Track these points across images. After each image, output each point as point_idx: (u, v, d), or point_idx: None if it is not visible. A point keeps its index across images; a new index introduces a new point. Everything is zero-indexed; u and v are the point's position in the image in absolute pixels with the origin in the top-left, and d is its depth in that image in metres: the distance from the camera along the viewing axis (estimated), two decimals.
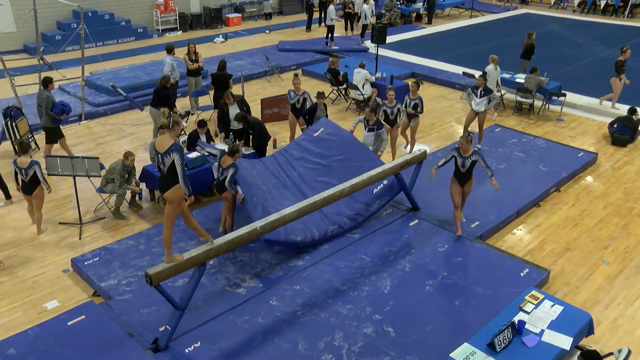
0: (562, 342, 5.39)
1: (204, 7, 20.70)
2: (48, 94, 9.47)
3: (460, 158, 7.50)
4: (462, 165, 7.52)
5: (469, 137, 7.40)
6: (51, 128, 9.66)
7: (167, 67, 11.46)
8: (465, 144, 7.41)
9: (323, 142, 8.43)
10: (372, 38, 13.91)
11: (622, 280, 7.33)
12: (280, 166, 8.22)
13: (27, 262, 7.39)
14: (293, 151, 8.44)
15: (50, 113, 9.43)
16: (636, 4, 24.01)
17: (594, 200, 9.24)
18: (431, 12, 22.37)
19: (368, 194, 8.05)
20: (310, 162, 8.17)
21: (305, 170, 8.11)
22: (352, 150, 8.32)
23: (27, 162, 7.60)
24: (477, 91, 10.55)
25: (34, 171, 7.60)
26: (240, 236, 5.97)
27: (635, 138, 11.51)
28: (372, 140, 8.92)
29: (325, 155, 8.21)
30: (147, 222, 8.33)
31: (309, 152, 8.33)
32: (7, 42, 16.47)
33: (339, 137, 8.52)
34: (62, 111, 9.52)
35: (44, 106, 9.45)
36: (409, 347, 5.87)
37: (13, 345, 5.79)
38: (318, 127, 8.71)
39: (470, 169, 7.56)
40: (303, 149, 8.42)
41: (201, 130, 9.29)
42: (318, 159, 8.16)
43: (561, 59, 16.49)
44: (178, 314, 5.70)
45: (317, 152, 8.27)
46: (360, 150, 8.41)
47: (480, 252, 7.50)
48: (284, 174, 8.07)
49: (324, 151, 8.29)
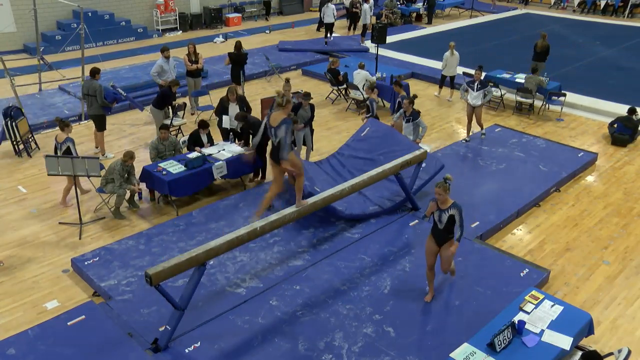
0: (562, 342, 5.40)
1: (204, 7, 20.71)
2: (99, 83, 9.96)
3: (437, 211, 6.16)
4: (439, 220, 6.15)
5: (447, 185, 6.08)
6: (100, 116, 10.12)
7: (155, 68, 11.39)
8: (443, 193, 6.03)
9: (369, 140, 9.24)
10: (372, 38, 13.92)
11: (622, 280, 7.33)
12: (332, 166, 9.07)
13: (27, 262, 7.39)
14: (343, 152, 9.32)
15: (105, 101, 9.95)
16: (636, 4, 24.01)
17: (594, 200, 9.24)
18: (431, 12, 22.38)
19: (406, 177, 8.45)
20: (358, 159, 8.95)
21: (354, 165, 8.88)
22: (394, 143, 9.00)
23: (63, 137, 8.49)
24: (474, 85, 10.76)
25: (67, 146, 8.45)
26: (240, 236, 5.97)
27: (635, 138, 11.51)
28: (410, 130, 9.59)
29: (371, 150, 8.97)
30: (147, 222, 8.33)
31: (357, 150, 9.15)
32: (7, 42, 16.48)
33: (382, 133, 9.27)
34: (114, 99, 10.14)
35: (97, 95, 9.92)
36: (409, 347, 5.88)
37: (13, 345, 5.79)
38: (364, 127, 9.55)
39: (448, 227, 6.13)
40: (352, 149, 9.26)
41: (203, 131, 9.30)
42: (365, 155, 8.94)
43: (561, 59, 16.50)
44: (178, 314, 5.70)
45: (364, 149, 9.09)
46: (401, 141, 9.09)
47: (480, 252, 7.50)
48: (334, 172, 8.89)
49: (370, 147, 9.08)
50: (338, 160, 9.18)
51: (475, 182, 9.29)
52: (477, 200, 8.75)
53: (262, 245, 7.54)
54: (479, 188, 9.13)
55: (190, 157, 8.64)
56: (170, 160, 8.77)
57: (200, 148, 9.13)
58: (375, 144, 9.08)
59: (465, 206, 8.47)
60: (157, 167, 8.55)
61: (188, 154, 8.95)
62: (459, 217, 6.05)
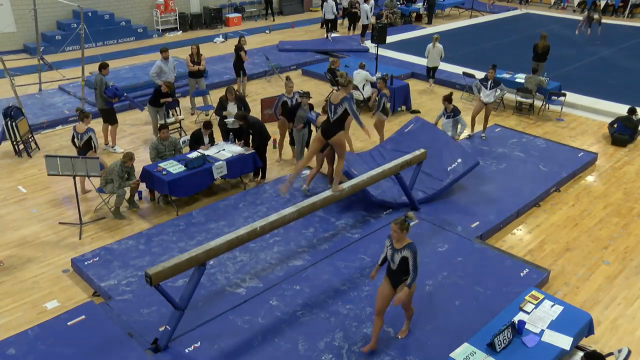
0: (562, 342, 5.39)
1: (204, 7, 20.72)
2: (102, 77, 10.13)
3: (391, 249, 5.51)
4: (392, 260, 5.49)
5: (406, 224, 5.43)
6: (106, 110, 10.32)
7: (154, 69, 11.40)
8: (399, 231, 5.38)
9: (412, 135, 9.73)
10: (372, 38, 13.92)
11: (622, 280, 7.33)
12: (373, 157, 9.50)
13: (27, 262, 7.39)
14: (387, 145, 9.86)
15: (104, 95, 10.09)
16: (636, 4, 24.02)
17: (594, 200, 9.24)
18: (431, 12, 22.38)
19: (442, 171, 8.96)
20: (400, 152, 9.20)
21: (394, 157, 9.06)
22: (434, 139, 9.46)
23: (84, 128, 8.69)
24: (487, 83, 11.07)
25: (88, 136, 8.67)
26: (240, 236, 5.97)
27: (635, 138, 11.51)
28: (450, 126, 10.04)
29: (412, 145, 9.23)
30: (147, 222, 8.33)
31: (400, 144, 9.61)
32: (7, 42, 16.48)
33: (425, 130, 9.74)
34: (114, 95, 10.22)
35: (98, 88, 10.12)
36: (409, 347, 5.87)
37: (13, 345, 5.79)
38: (410, 123, 10.04)
39: (402, 268, 5.45)
40: (395, 142, 9.75)
41: (205, 132, 9.30)
42: (406, 149, 9.18)
43: (561, 59, 16.50)
44: (178, 314, 5.70)
45: (406, 143, 9.49)
46: (441, 137, 9.61)
47: (480, 252, 7.50)
48: (374, 162, 9.26)
49: (412, 142, 9.46)
50: (380, 152, 9.60)
51: (475, 183, 9.28)
52: (477, 200, 8.76)
53: (262, 245, 7.54)
54: (479, 188, 9.13)
55: (190, 157, 8.64)
56: (170, 160, 8.77)
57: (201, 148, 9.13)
58: (417, 139, 9.51)
59: (466, 206, 8.57)
60: (157, 167, 8.55)
61: (188, 154, 8.95)
62: (412, 262, 5.37)
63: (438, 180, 8.88)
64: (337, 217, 8.29)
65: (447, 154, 9.15)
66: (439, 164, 9.01)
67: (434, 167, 8.95)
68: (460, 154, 9.13)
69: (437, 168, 8.96)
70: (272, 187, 9.13)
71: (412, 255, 5.38)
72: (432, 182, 8.88)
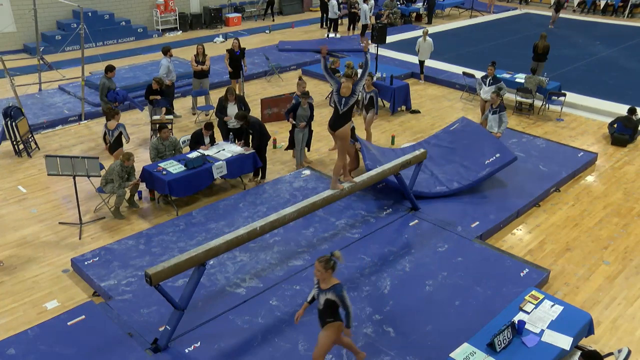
0: (562, 342, 5.39)
1: (204, 7, 20.71)
2: (106, 80, 10.23)
3: (316, 289, 5.06)
4: (318, 299, 5.06)
5: (331, 263, 4.94)
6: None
7: (163, 69, 11.48)
8: (322, 270, 4.87)
9: (456, 132, 10.17)
10: (372, 38, 13.92)
11: (622, 280, 7.33)
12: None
13: (27, 262, 7.39)
14: (431, 140, 10.28)
15: (104, 99, 10.20)
16: (636, 4, 24.03)
17: (594, 200, 9.24)
18: (431, 12, 22.39)
19: (479, 164, 9.22)
20: (442, 147, 9.88)
21: (436, 152, 9.81)
22: (476, 135, 9.87)
23: (114, 125, 9.05)
24: (486, 80, 11.37)
25: (119, 132, 9.04)
26: (240, 236, 5.97)
27: (635, 138, 11.51)
28: (496, 121, 10.19)
29: (455, 140, 9.92)
30: (147, 222, 8.33)
31: (443, 140, 10.10)
32: (7, 42, 16.48)
33: (469, 128, 10.14)
34: (114, 99, 10.33)
35: (100, 91, 10.26)
36: (409, 347, 5.87)
37: (13, 345, 5.79)
38: (455, 122, 10.48)
39: (327, 310, 4.96)
40: (439, 139, 10.20)
41: (206, 132, 9.30)
42: (448, 144, 9.90)
43: (561, 59, 16.50)
44: (178, 314, 5.70)
45: (450, 140, 10.05)
46: (483, 134, 9.90)
47: (480, 252, 7.50)
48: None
49: (455, 138, 10.02)
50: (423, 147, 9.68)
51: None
52: (477, 200, 8.76)
53: (262, 245, 7.54)
54: (479, 188, 9.12)
55: (190, 157, 8.64)
56: (170, 160, 8.77)
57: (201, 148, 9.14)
58: (460, 136, 9.97)
59: (466, 206, 8.57)
60: (157, 167, 8.55)
61: (188, 154, 8.95)
62: (342, 303, 4.89)
63: (474, 173, 9.11)
64: (337, 217, 8.29)
65: (486, 148, 9.42)
66: (477, 157, 9.32)
67: (472, 160, 9.31)
68: (499, 149, 9.38)
69: (474, 161, 9.29)
70: (272, 187, 9.13)
71: (339, 298, 4.86)
72: (468, 174, 9.11)
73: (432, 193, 8.83)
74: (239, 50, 12.37)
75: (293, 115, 9.61)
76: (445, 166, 9.43)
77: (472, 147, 9.53)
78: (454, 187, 8.95)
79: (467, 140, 9.84)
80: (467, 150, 9.59)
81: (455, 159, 9.54)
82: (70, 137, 11.18)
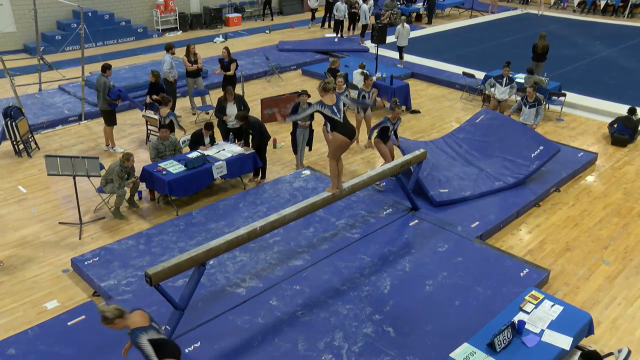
0: (562, 342, 5.40)
1: (204, 7, 20.72)
2: (105, 79, 10.12)
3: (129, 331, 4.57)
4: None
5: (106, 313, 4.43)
6: (108, 111, 10.34)
7: (166, 65, 11.48)
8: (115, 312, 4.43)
9: (484, 126, 10.15)
10: (372, 38, 13.92)
11: (622, 280, 7.33)
12: (449, 145, 9.91)
13: (27, 262, 7.39)
14: (458, 134, 10.22)
15: (107, 97, 10.11)
16: (636, 4, 24.01)
17: (594, 200, 9.24)
18: (431, 12, 22.38)
19: (526, 158, 9.29)
20: (474, 141, 9.85)
21: (470, 146, 9.83)
22: (509, 128, 9.88)
23: (166, 112, 9.54)
24: (502, 80, 11.55)
25: (170, 119, 9.47)
26: (240, 236, 5.97)
27: (635, 138, 11.51)
28: (533, 114, 10.48)
29: (487, 134, 9.85)
30: (147, 222, 8.33)
31: (472, 134, 10.05)
32: (7, 42, 16.48)
33: (499, 121, 10.14)
34: (117, 96, 10.24)
35: (101, 90, 10.11)
36: (409, 347, 5.87)
37: (13, 345, 5.79)
38: (479, 115, 10.44)
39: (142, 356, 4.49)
40: (467, 132, 10.16)
41: (206, 132, 9.30)
42: (480, 138, 9.83)
43: (561, 59, 16.50)
44: (178, 314, 5.70)
45: (479, 133, 9.98)
46: (517, 127, 9.94)
47: (480, 252, 7.50)
48: (451, 150, 9.77)
49: (485, 132, 9.95)
50: (454, 140, 10.00)
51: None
52: (477, 200, 8.75)
53: (262, 245, 7.54)
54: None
55: (190, 157, 8.64)
56: (170, 160, 8.77)
57: (201, 148, 9.14)
58: (490, 130, 9.93)
59: (466, 206, 8.57)
60: (157, 167, 8.55)
61: (188, 153, 8.95)
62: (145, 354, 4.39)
63: (525, 166, 9.19)
64: (337, 217, 8.29)
65: (528, 141, 9.46)
66: (520, 151, 9.33)
67: (516, 154, 9.32)
68: (541, 142, 9.44)
69: (519, 155, 9.30)
70: (272, 187, 9.13)
71: (137, 346, 4.39)
72: (518, 168, 9.18)
73: (494, 189, 8.86)
74: (227, 60, 12.04)
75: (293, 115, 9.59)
76: (487, 160, 9.43)
77: (511, 141, 9.47)
78: (510, 182, 8.99)
79: (501, 134, 9.80)
80: (505, 143, 9.54)
81: (496, 153, 9.53)
82: (70, 137, 11.18)
